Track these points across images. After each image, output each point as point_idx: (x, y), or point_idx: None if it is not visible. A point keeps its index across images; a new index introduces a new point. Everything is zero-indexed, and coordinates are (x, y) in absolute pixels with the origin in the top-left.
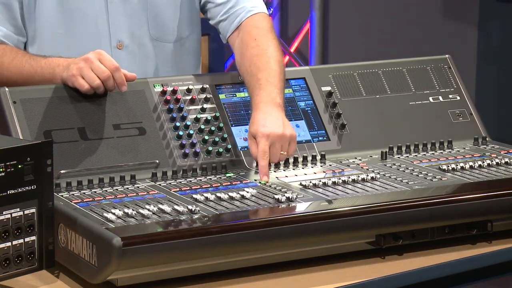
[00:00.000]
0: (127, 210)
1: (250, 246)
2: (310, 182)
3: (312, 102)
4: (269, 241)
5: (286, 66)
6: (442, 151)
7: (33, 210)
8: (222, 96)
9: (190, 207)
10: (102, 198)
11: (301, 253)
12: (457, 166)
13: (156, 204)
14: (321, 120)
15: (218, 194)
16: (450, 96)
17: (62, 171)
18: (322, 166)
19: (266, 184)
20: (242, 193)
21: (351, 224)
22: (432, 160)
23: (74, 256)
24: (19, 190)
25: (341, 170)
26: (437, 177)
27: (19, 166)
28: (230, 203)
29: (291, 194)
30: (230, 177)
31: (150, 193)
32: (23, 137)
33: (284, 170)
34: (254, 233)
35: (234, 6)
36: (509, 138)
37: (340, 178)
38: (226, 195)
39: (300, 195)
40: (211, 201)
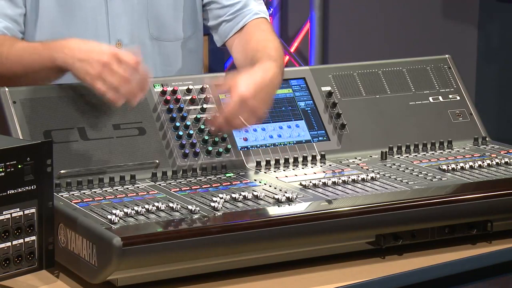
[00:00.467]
0: (127, 210)
1: (250, 246)
2: (310, 182)
3: (312, 102)
4: (269, 241)
5: (286, 66)
6: (442, 151)
7: (33, 210)
8: (222, 96)
9: (190, 207)
10: (102, 198)
11: (301, 253)
12: (457, 166)
13: (156, 204)
14: (321, 120)
15: (218, 194)
16: (450, 96)
17: (62, 171)
18: (322, 166)
19: (266, 184)
20: (242, 193)
21: (351, 224)
22: (432, 160)
23: (74, 256)
24: (19, 190)
25: (341, 170)
26: (437, 177)
27: (19, 166)
28: (230, 203)
29: (291, 194)
30: (230, 177)
31: (150, 193)
32: (23, 137)
33: (284, 170)
34: (254, 233)
35: (241, 9)
36: (509, 138)
37: (340, 178)
38: (226, 195)
39: (300, 195)
40: (211, 201)
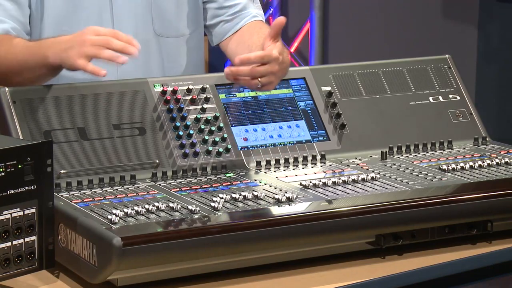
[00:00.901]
0: (127, 210)
1: (250, 246)
2: (310, 182)
3: (312, 102)
4: (269, 241)
5: None
6: (442, 151)
7: (33, 210)
8: (222, 96)
9: (190, 207)
10: (102, 198)
11: (301, 253)
12: (457, 166)
13: (156, 204)
14: (321, 120)
15: (218, 194)
16: (450, 96)
17: (62, 171)
18: (322, 166)
19: (266, 184)
20: (242, 193)
21: (351, 224)
22: (432, 160)
23: (74, 256)
24: (19, 190)
25: (341, 170)
26: (437, 177)
27: (19, 166)
28: (230, 203)
29: (291, 194)
30: (230, 177)
31: (150, 193)
32: (23, 137)
33: (284, 170)
34: (254, 233)
35: (241, 10)
36: (509, 138)
37: (340, 178)
38: (226, 195)
39: (300, 195)
40: (211, 201)
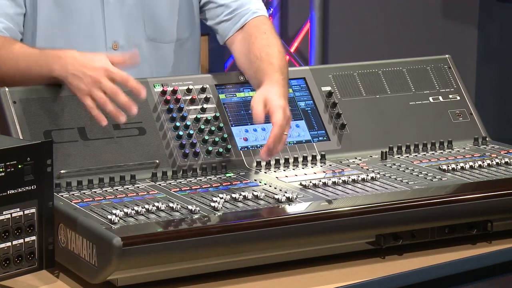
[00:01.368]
0: (127, 210)
1: (250, 246)
2: (310, 182)
3: (312, 102)
4: (269, 241)
5: None
6: (442, 151)
7: (33, 210)
8: (222, 96)
9: (190, 207)
10: (102, 198)
11: (301, 253)
12: (457, 166)
13: (156, 204)
14: (321, 120)
15: (218, 194)
16: (450, 96)
17: (62, 171)
18: (322, 166)
19: (266, 184)
20: (242, 193)
21: (351, 224)
22: (432, 160)
23: (74, 256)
24: (19, 190)
25: (341, 170)
26: (437, 177)
27: (19, 166)
28: (230, 203)
29: (291, 194)
30: (230, 177)
31: (150, 193)
32: (23, 137)
33: (284, 170)
34: (254, 233)
35: (238, 8)
36: (509, 138)
37: (340, 178)
38: (226, 195)
39: (300, 195)
40: (211, 201)
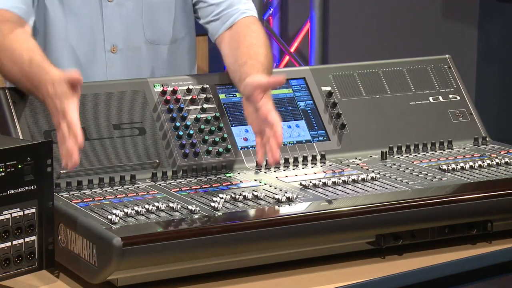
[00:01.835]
0: (127, 210)
1: (250, 246)
2: (310, 182)
3: (312, 102)
4: (269, 241)
5: (286, 66)
6: (442, 151)
7: (33, 210)
8: (222, 96)
9: (190, 207)
10: (102, 198)
11: (301, 253)
12: (457, 166)
13: (156, 204)
14: (321, 120)
15: (218, 194)
16: (450, 96)
17: (62, 171)
18: (322, 166)
19: (266, 184)
20: (242, 193)
21: (351, 224)
22: (432, 160)
23: (74, 256)
24: (19, 190)
25: (341, 170)
26: (437, 177)
27: (19, 166)
28: (230, 203)
29: (291, 194)
30: (230, 177)
31: (150, 193)
32: (23, 137)
33: (284, 170)
34: (254, 233)
35: (227, 8)
36: (509, 138)
37: (340, 178)
38: (226, 195)
39: (300, 195)
40: (211, 201)
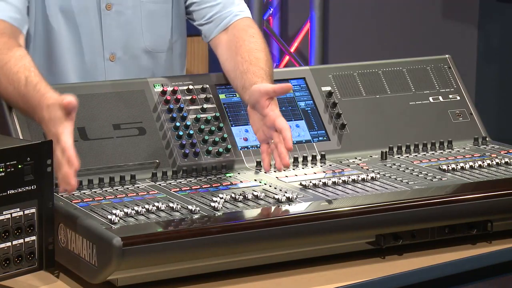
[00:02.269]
0: (127, 210)
1: (250, 246)
2: (310, 182)
3: (312, 102)
4: (269, 241)
5: (286, 66)
6: (442, 151)
7: (33, 210)
8: (222, 96)
9: (190, 207)
10: (102, 198)
11: (301, 253)
12: (457, 166)
13: (156, 204)
14: (321, 120)
15: (218, 194)
16: (450, 96)
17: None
18: (322, 166)
19: (266, 184)
20: (242, 193)
21: (351, 224)
22: (432, 160)
23: (74, 256)
24: (19, 190)
25: (341, 170)
26: (437, 177)
27: (19, 166)
28: (230, 203)
29: (291, 194)
30: (230, 177)
31: (150, 193)
32: (23, 137)
33: (284, 170)
34: (254, 233)
35: (221, 10)
36: (509, 138)
37: (340, 178)
38: (226, 195)
39: (300, 195)
40: (211, 201)
